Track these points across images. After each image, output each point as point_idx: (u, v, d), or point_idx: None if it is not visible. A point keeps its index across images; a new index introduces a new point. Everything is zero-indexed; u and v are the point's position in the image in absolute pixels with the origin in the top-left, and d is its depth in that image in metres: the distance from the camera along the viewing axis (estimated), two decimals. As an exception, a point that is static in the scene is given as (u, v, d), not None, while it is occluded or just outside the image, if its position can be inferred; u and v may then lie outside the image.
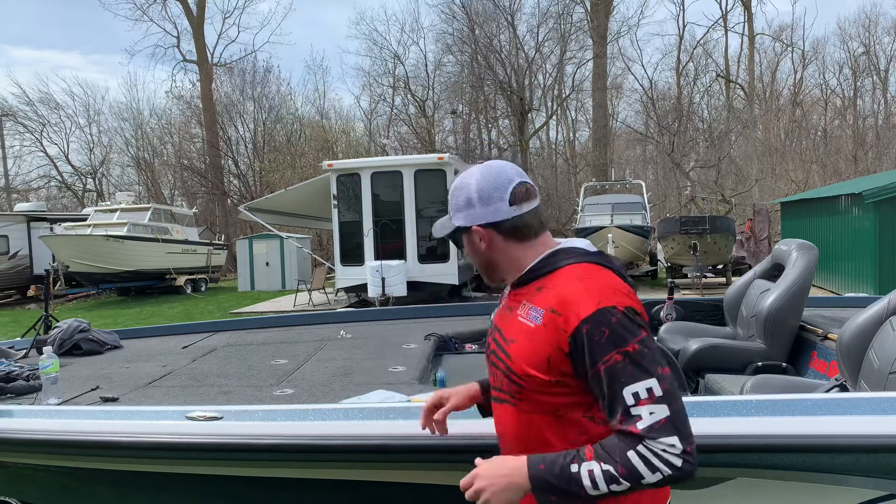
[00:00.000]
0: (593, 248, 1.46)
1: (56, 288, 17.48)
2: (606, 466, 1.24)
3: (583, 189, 20.17)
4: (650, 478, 1.23)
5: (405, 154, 23.24)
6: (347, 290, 13.14)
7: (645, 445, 1.24)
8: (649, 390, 1.26)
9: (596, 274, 1.36)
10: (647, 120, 32.41)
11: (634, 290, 1.40)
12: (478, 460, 1.37)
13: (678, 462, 1.23)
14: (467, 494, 1.34)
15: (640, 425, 1.24)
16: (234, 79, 31.37)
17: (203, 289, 19.85)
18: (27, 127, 31.68)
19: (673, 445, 1.23)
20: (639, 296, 1.44)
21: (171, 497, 2.39)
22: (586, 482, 1.24)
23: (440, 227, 1.53)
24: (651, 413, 1.24)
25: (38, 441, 2.24)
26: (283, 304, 14.52)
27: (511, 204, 1.42)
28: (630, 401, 1.26)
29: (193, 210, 24.57)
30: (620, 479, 1.24)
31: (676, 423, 1.25)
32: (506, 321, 1.47)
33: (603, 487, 1.24)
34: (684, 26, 33.23)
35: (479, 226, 1.45)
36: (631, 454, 1.24)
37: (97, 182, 33.04)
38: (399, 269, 11.41)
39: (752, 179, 26.51)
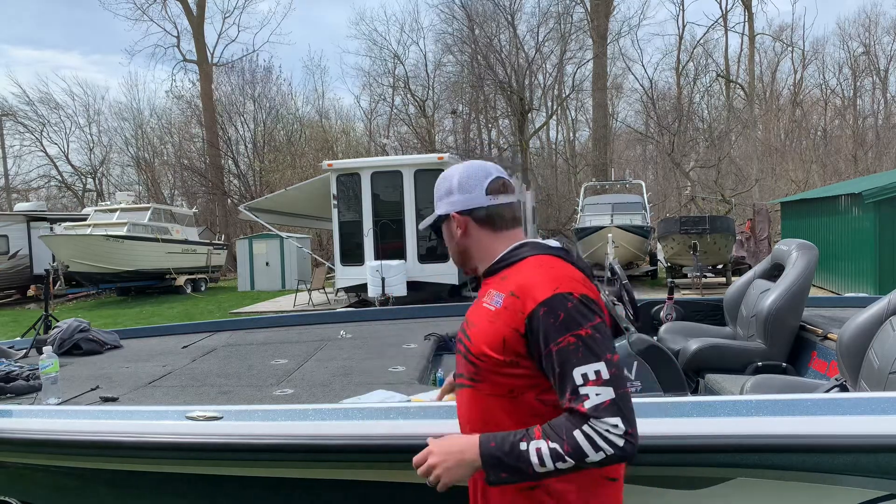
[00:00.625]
0: (559, 245, 1.57)
1: (56, 288, 17.47)
2: (553, 444, 1.31)
3: (583, 189, 20.17)
4: (593, 456, 1.30)
5: (405, 154, 23.23)
6: (347, 290, 13.14)
7: (590, 425, 1.30)
8: (597, 373, 1.33)
9: (556, 264, 1.47)
10: (647, 120, 32.43)
11: (595, 285, 1.52)
12: (430, 439, 1.43)
13: (620, 442, 1.30)
14: (420, 471, 1.40)
15: (587, 404, 1.31)
16: (234, 79, 31.39)
17: (203, 289, 19.84)
18: (27, 127, 31.73)
19: (616, 426, 1.30)
20: (639, 296, 1.50)
21: (171, 497, 2.39)
22: (534, 459, 1.31)
23: (424, 221, 1.67)
24: (597, 394, 1.32)
25: (38, 441, 2.24)
26: (283, 304, 14.52)
27: (487, 193, 1.55)
28: (579, 381, 1.33)
29: (193, 210, 24.57)
30: (566, 457, 1.30)
31: (621, 406, 1.31)
32: (473, 311, 1.56)
33: (549, 465, 1.31)
34: (684, 26, 33.28)
35: (456, 212, 1.57)
36: (577, 433, 1.30)
37: (97, 182, 33.06)
38: (399, 269, 11.41)
39: (752, 179, 26.51)
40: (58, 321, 4.73)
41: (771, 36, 33.70)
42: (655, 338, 4.01)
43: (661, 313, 4.52)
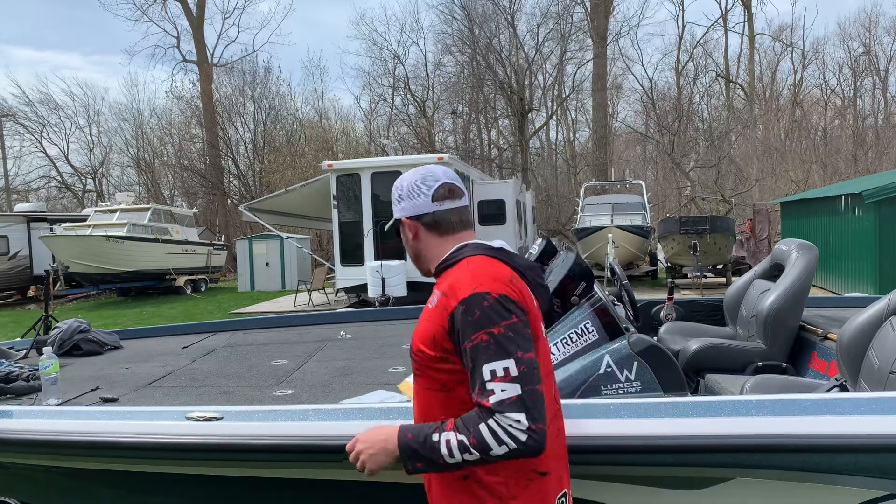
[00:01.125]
0: (504, 245, 1.62)
1: (56, 288, 17.48)
2: (461, 437, 1.39)
3: (583, 189, 20.16)
4: (497, 450, 1.36)
5: (405, 154, 23.23)
6: (347, 290, 13.14)
7: (495, 420, 1.37)
8: (506, 369, 1.39)
9: (484, 263, 1.52)
10: (647, 120, 32.43)
11: (533, 283, 1.59)
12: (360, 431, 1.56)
13: (523, 437, 1.36)
14: (350, 457, 1.53)
15: (492, 399, 1.38)
16: (233, 79, 31.42)
17: (203, 289, 19.84)
18: (27, 127, 31.72)
19: (519, 421, 1.36)
20: (639, 296, 1.53)
21: (171, 497, 2.39)
22: (444, 450, 1.39)
23: (387, 225, 1.76)
24: (503, 390, 1.38)
25: (38, 441, 2.24)
26: (283, 304, 14.52)
27: (433, 200, 1.63)
28: (487, 377, 1.39)
29: (193, 210, 24.58)
30: (472, 450, 1.38)
31: (526, 402, 1.38)
32: (424, 310, 1.63)
33: (457, 456, 1.39)
34: (684, 26, 33.26)
35: (407, 218, 1.66)
36: (482, 426, 1.38)
37: (97, 182, 33.05)
38: (399, 269, 11.41)
39: (752, 179, 26.50)
40: (58, 322, 4.73)
41: (771, 36, 33.74)
42: (655, 338, 4.01)
43: (661, 313, 4.52)
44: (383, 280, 11.15)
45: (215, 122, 29.47)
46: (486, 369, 1.40)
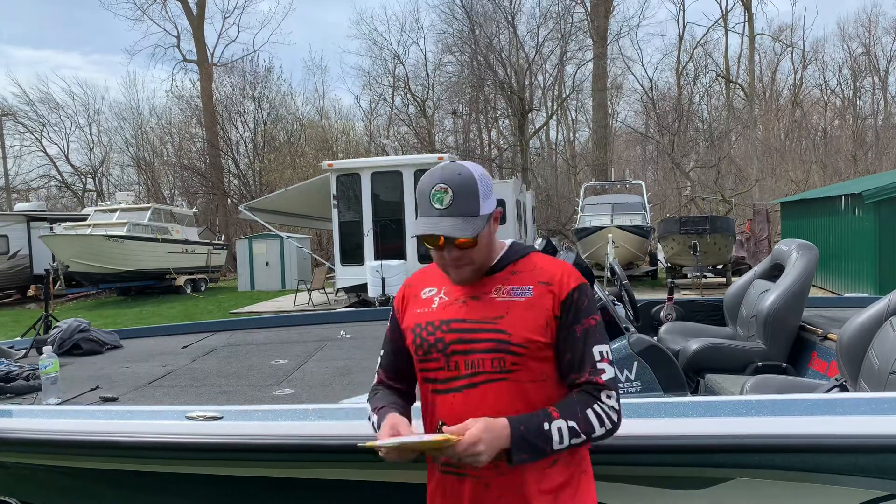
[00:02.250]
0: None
1: (56, 288, 17.47)
2: (571, 423, 1.45)
3: (583, 189, 20.16)
4: (598, 431, 1.47)
5: (405, 154, 23.23)
6: (347, 290, 13.14)
7: (599, 404, 1.49)
8: (607, 352, 1.55)
9: (557, 260, 1.63)
10: (647, 120, 32.43)
11: None
12: (470, 424, 1.41)
13: (615, 418, 1.51)
14: (463, 450, 1.37)
15: (604, 377, 1.51)
16: (234, 79, 31.41)
17: (203, 289, 19.84)
18: (27, 127, 31.67)
19: (616, 402, 1.52)
20: (639, 296, 1.60)
21: (171, 497, 2.39)
22: (555, 437, 1.43)
23: (464, 226, 1.49)
24: (608, 370, 1.53)
25: (38, 441, 2.24)
26: (283, 304, 14.52)
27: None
28: (597, 357, 1.52)
29: (193, 210, 24.57)
30: (580, 434, 1.45)
31: (617, 384, 1.55)
32: (473, 308, 1.56)
33: (566, 442, 1.44)
34: (684, 26, 33.24)
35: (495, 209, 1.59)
36: (589, 411, 1.47)
37: (97, 182, 33.03)
38: (399, 269, 11.41)
39: (752, 179, 26.50)
40: (58, 321, 4.73)
41: (771, 36, 33.72)
42: (655, 338, 4.01)
43: (661, 313, 4.52)
44: (383, 280, 11.15)
45: (215, 122, 29.46)
46: (595, 350, 1.52)
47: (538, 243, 3.79)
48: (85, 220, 18.58)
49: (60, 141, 32.61)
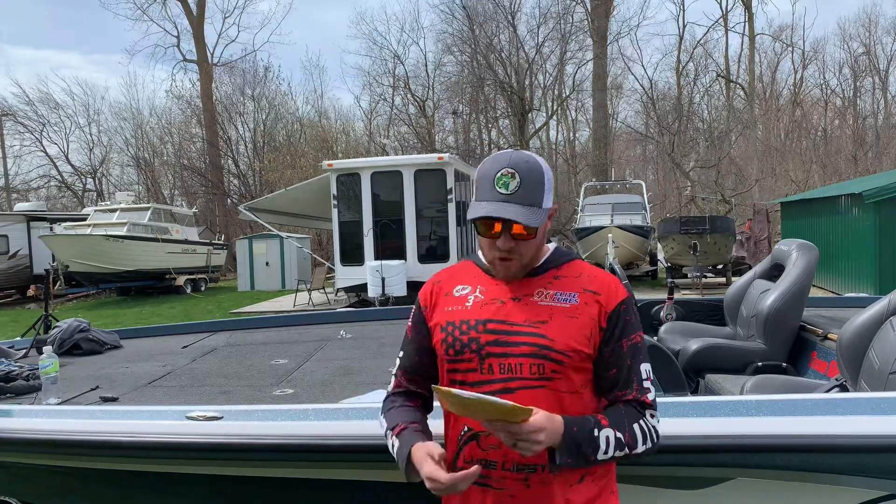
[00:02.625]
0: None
1: (56, 288, 17.47)
2: (619, 434, 1.39)
3: (583, 189, 20.16)
4: (639, 448, 1.42)
5: (405, 154, 23.22)
6: (347, 290, 13.14)
7: (645, 420, 1.45)
8: (651, 371, 1.51)
9: (607, 271, 1.58)
10: (647, 120, 32.42)
11: None
12: (536, 412, 1.31)
13: (656, 439, 1.46)
14: (528, 435, 1.28)
15: (650, 396, 1.47)
16: (234, 78, 31.42)
17: (203, 289, 19.84)
18: (27, 127, 31.69)
19: (657, 423, 1.48)
20: (639, 296, 1.57)
21: (171, 497, 2.39)
22: (602, 446, 1.37)
23: (528, 215, 1.41)
24: (653, 390, 1.49)
25: (38, 441, 2.23)
26: (283, 304, 14.52)
27: None
28: (644, 375, 1.48)
29: (193, 210, 24.58)
30: (624, 446, 1.39)
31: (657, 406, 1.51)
32: (513, 309, 1.47)
33: (610, 453, 1.38)
34: (684, 26, 33.19)
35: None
36: (636, 426, 1.42)
37: (97, 182, 33.04)
38: (399, 269, 11.41)
39: (752, 179, 26.52)
40: (58, 321, 4.73)
41: (771, 36, 33.74)
42: (655, 338, 4.02)
43: (661, 313, 4.52)
44: (383, 280, 11.16)
45: (215, 122, 29.47)
46: (642, 368, 1.48)
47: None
48: (85, 220, 18.58)
49: (60, 141, 32.66)
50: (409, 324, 1.68)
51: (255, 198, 21.21)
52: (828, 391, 2.62)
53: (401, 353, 1.68)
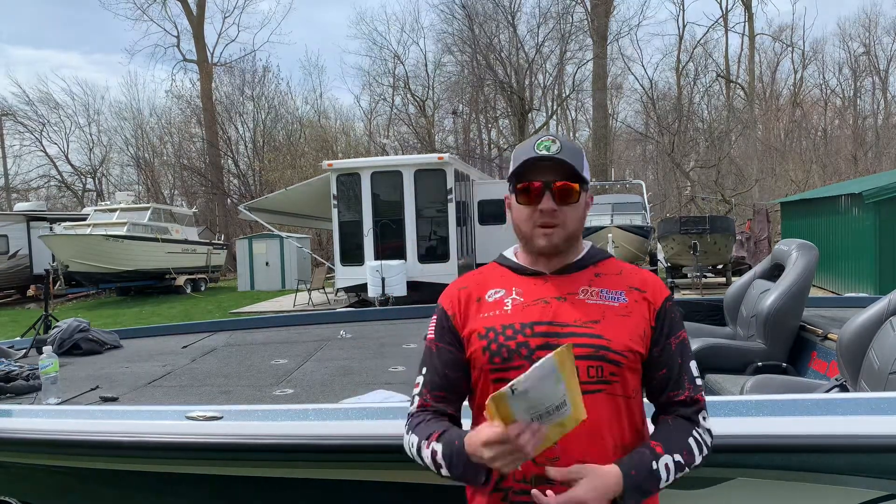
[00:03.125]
0: None
1: (56, 288, 17.47)
2: (677, 457, 1.31)
3: (583, 189, 20.12)
4: (697, 460, 1.34)
5: (405, 154, 23.22)
6: (347, 290, 13.15)
7: (697, 429, 1.37)
8: (697, 368, 1.44)
9: (642, 268, 1.53)
10: (647, 120, 32.44)
11: None
12: (579, 473, 1.22)
13: (710, 441, 1.38)
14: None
15: (703, 394, 1.40)
16: (233, 78, 31.43)
17: (203, 289, 19.84)
18: (27, 126, 31.72)
19: (707, 421, 1.40)
20: None
21: (171, 497, 2.39)
22: (664, 475, 1.29)
23: (572, 171, 1.36)
24: (703, 386, 1.42)
25: (38, 441, 2.23)
26: (283, 303, 14.52)
27: None
28: (695, 372, 1.41)
29: (193, 210, 24.60)
30: (684, 466, 1.31)
31: None
32: (560, 309, 1.37)
33: (672, 478, 1.30)
34: (684, 26, 33.26)
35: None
36: (690, 440, 1.34)
37: (97, 182, 33.05)
38: (399, 269, 11.41)
39: (752, 179, 26.52)
40: (57, 321, 4.72)
41: (771, 36, 33.76)
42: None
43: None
44: (383, 280, 11.16)
45: (215, 122, 29.48)
46: (692, 365, 1.41)
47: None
48: (85, 219, 18.59)
49: (60, 141, 32.68)
50: (431, 336, 1.51)
51: (255, 198, 21.23)
52: (828, 391, 2.62)
53: (423, 370, 1.49)
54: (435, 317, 1.51)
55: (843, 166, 28.60)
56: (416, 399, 1.47)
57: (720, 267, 15.15)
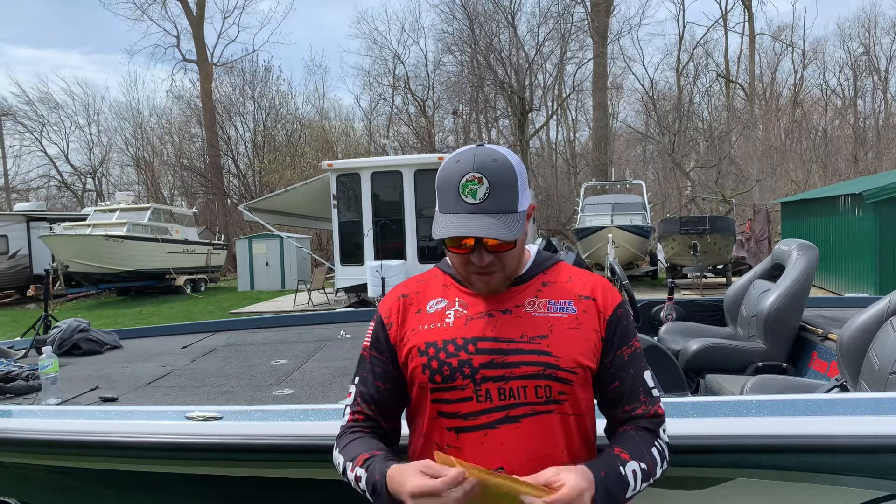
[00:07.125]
0: None
1: (55, 288, 17.47)
2: (642, 464, 1.24)
3: (583, 189, 20.16)
4: (658, 472, 1.28)
5: (405, 154, 23.21)
6: (347, 290, 13.15)
7: (658, 440, 1.31)
8: (654, 377, 1.36)
9: (592, 272, 1.46)
10: (648, 120, 32.44)
11: None
12: (569, 480, 1.12)
13: (669, 454, 1.33)
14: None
15: (661, 406, 1.33)
16: (233, 78, 31.43)
17: (203, 289, 19.84)
18: (27, 127, 31.74)
19: (666, 432, 1.34)
20: (639, 296, 1.50)
21: (171, 497, 2.39)
22: (631, 482, 1.22)
23: (504, 226, 1.22)
24: (660, 398, 1.35)
25: (38, 441, 2.23)
26: (283, 304, 14.52)
27: None
28: (651, 383, 1.33)
29: (193, 210, 24.58)
30: (648, 476, 1.25)
31: None
32: (505, 324, 1.29)
33: (637, 487, 1.23)
34: (684, 26, 33.31)
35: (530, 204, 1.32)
36: (653, 450, 1.28)
37: (97, 182, 33.06)
38: (399, 269, 11.41)
39: (753, 179, 26.51)
40: (57, 321, 4.72)
41: (771, 36, 33.74)
42: (655, 338, 4.02)
43: (661, 313, 4.52)
44: (383, 280, 11.15)
45: (215, 122, 29.47)
46: (647, 375, 1.34)
47: (538, 243, 3.79)
48: (84, 220, 18.58)
49: (60, 141, 32.70)
50: (366, 343, 1.42)
51: (255, 198, 21.21)
52: (828, 391, 2.62)
53: (356, 380, 1.42)
54: (372, 323, 1.43)
55: (843, 166, 28.60)
56: (348, 411, 1.41)
57: (720, 267, 15.15)
